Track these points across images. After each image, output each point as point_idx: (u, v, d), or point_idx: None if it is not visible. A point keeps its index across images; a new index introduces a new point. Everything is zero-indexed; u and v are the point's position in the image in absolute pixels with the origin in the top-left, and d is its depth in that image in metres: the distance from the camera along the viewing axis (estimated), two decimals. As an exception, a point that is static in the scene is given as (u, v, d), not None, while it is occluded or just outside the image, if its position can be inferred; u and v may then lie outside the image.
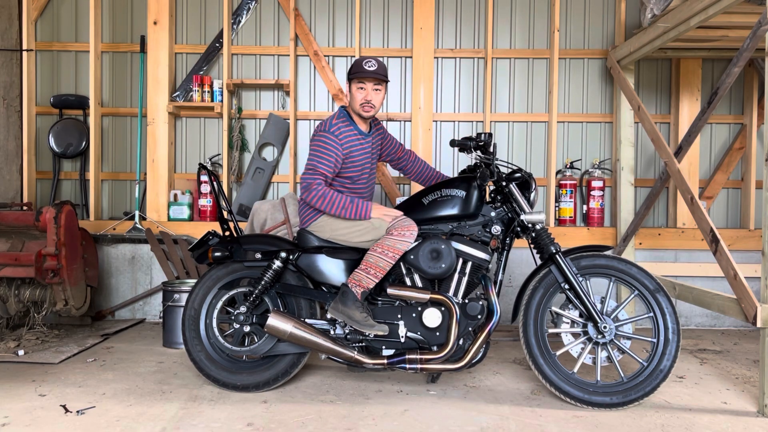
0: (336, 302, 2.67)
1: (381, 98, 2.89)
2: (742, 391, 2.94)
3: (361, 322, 2.61)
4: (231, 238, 2.92)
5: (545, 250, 2.73)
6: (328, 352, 2.71)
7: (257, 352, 2.82)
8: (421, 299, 2.72)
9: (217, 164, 4.50)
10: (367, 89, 2.85)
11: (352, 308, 2.63)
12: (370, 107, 2.87)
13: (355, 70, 2.85)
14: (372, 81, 2.84)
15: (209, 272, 2.94)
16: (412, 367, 2.68)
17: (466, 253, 2.75)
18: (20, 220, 3.57)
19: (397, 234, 2.68)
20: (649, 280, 2.68)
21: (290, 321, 2.71)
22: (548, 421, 2.53)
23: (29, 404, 2.64)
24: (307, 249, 2.88)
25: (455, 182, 2.82)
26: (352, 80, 2.87)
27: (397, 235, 2.67)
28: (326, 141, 2.80)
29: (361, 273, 2.68)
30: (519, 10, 4.54)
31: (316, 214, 2.86)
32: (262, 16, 4.55)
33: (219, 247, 2.85)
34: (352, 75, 2.86)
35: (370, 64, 2.84)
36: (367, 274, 2.67)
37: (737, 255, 4.26)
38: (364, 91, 2.85)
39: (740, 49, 2.75)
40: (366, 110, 2.87)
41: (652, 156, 4.57)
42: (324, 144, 2.79)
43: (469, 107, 4.58)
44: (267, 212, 3.78)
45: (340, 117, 2.90)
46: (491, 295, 2.72)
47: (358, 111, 2.89)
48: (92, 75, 4.36)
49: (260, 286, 2.82)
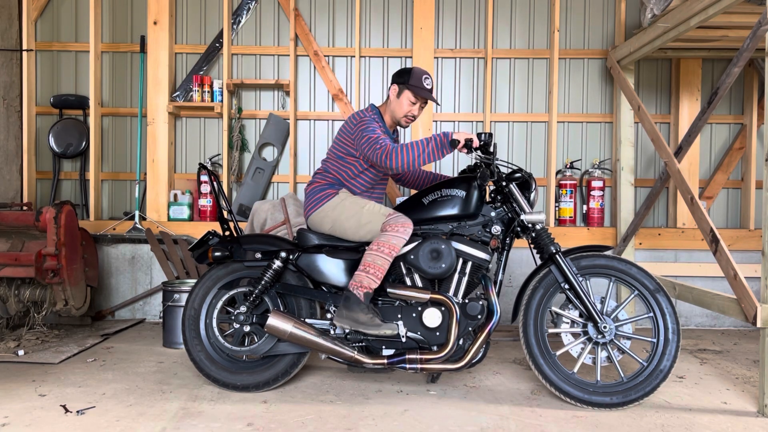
0: (340, 309, 2.66)
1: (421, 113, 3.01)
2: (742, 391, 2.94)
3: (367, 324, 2.60)
4: (231, 238, 2.92)
5: (545, 250, 2.73)
6: (328, 351, 2.71)
7: (257, 352, 2.82)
8: (421, 299, 2.71)
9: (217, 164, 4.50)
10: (418, 104, 2.92)
11: (356, 311, 2.62)
12: (412, 120, 2.96)
13: (415, 83, 2.86)
14: (423, 99, 2.91)
15: (209, 272, 2.94)
16: (412, 367, 2.68)
17: (466, 253, 2.74)
18: (20, 220, 3.57)
19: (391, 230, 2.68)
20: (649, 280, 2.68)
21: (290, 321, 2.71)
22: (548, 421, 2.53)
23: (29, 404, 2.64)
24: (307, 249, 2.88)
25: (455, 182, 2.82)
26: (407, 89, 2.88)
27: (391, 231, 2.68)
28: (373, 122, 2.84)
29: (360, 274, 2.67)
30: (519, 10, 4.54)
31: (319, 202, 2.87)
32: (262, 16, 4.55)
33: (219, 247, 2.85)
34: (410, 86, 2.86)
35: (429, 81, 2.90)
36: (367, 273, 2.65)
37: (737, 255, 4.27)
38: (415, 105, 2.91)
39: (740, 49, 2.75)
40: (406, 122, 2.95)
41: (652, 156, 4.57)
42: (373, 124, 2.82)
43: (469, 107, 4.58)
44: (267, 212, 3.78)
45: (373, 112, 2.92)
46: (491, 295, 2.71)
47: (398, 119, 2.95)
48: (92, 75, 4.37)
49: (260, 286, 2.81)
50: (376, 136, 2.74)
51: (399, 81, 2.91)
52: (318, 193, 2.90)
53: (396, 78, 2.94)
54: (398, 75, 2.94)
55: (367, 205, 2.82)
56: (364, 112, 2.90)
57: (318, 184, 2.94)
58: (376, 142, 2.72)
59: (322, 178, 2.95)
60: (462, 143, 2.68)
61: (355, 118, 2.88)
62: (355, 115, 2.90)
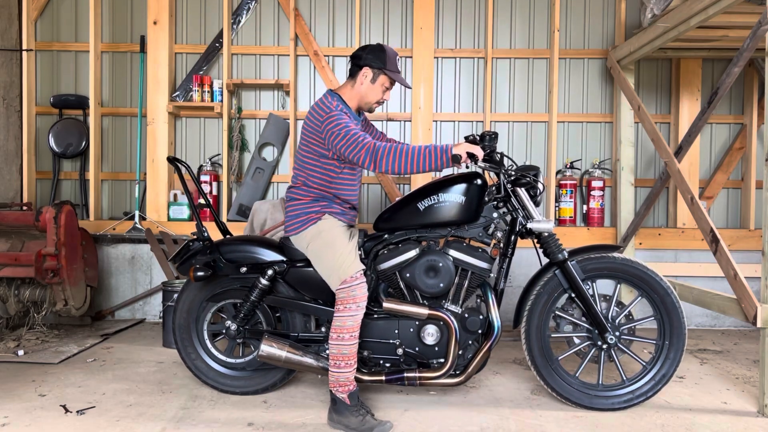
0: (330, 413, 2.47)
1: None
2: (742, 391, 2.93)
3: (358, 428, 2.38)
4: (210, 244, 2.76)
5: (552, 258, 2.61)
6: (324, 373, 2.59)
7: (252, 364, 2.78)
8: (419, 316, 2.57)
9: (217, 164, 4.50)
10: (390, 90, 2.67)
11: (346, 415, 2.41)
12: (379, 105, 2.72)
13: (392, 68, 2.58)
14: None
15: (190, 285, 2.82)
16: (410, 384, 2.59)
17: (465, 262, 2.56)
18: (20, 220, 3.57)
19: (343, 309, 2.46)
20: (657, 282, 2.61)
21: (284, 347, 2.59)
22: (548, 421, 2.53)
23: (29, 404, 2.64)
24: (294, 262, 2.70)
25: (454, 184, 2.57)
26: (383, 73, 2.59)
27: (343, 311, 2.45)
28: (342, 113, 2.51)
29: (333, 373, 2.46)
30: (519, 10, 4.54)
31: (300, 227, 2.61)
32: (262, 16, 4.55)
33: (201, 267, 2.64)
34: (389, 71, 2.57)
35: (400, 62, 2.67)
36: (339, 369, 2.44)
37: (737, 255, 4.26)
38: (389, 91, 2.66)
39: (740, 49, 2.75)
40: (376, 106, 2.69)
41: (652, 156, 4.57)
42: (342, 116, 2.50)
43: (469, 107, 4.58)
44: (267, 212, 3.78)
45: (336, 100, 2.58)
46: (492, 309, 2.58)
47: (370, 104, 2.66)
48: (92, 75, 4.36)
49: (248, 304, 2.70)
50: (353, 132, 2.43)
51: (374, 65, 2.57)
52: (297, 217, 2.62)
53: (369, 60, 2.58)
54: (372, 57, 2.58)
55: (337, 252, 2.52)
56: (327, 103, 2.54)
57: (296, 203, 2.63)
58: (354, 141, 2.41)
59: (300, 195, 2.63)
60: (464, 157, 2.39)
61: (319, 113, 2.52)
62: (318, 108, 2.54)
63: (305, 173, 2.62)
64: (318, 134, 2.52)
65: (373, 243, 2.69)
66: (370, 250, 2.68)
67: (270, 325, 2.80)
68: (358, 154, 2.41)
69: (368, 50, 2.60)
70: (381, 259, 2.61)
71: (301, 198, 2.63)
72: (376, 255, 2.66)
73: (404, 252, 2.57)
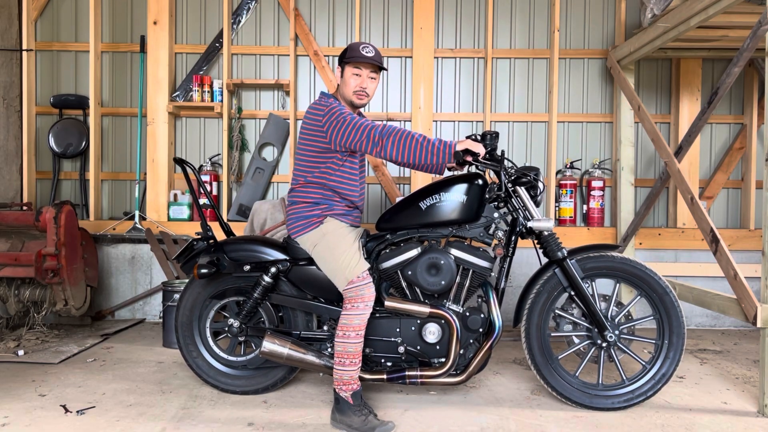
0: (333, 412, 2.49)
1: (375, 87, 2.67)
2: (742, 391, 2.93)
3: (361, 428, 2.39)
4: (215, 243, 2.79)
5: (552, 256, 2.62)
6: (326, 371, 2.61)
7: (254, 362, 2.80)
8: (421, 314, 2.60)
9: (217, 164, 4.50)
10: (363, 76, 2.60)
11: (348, 415, 2.43)
12: (365, 95, 2.63)
13: (351, 54, 2.59)
14: (368, 68, 2.60)
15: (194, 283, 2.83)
16: (412, 382, 2.61)
17: (466, 261, 2.58)
18: (20, 220, 3.57)
19: (351, 307, 2.49)
20: (656, 282, 2.62)
21: (286, 343, 2.60)
22: (548, 421, 2.53)
23: (29, 404, 2.64)
24: (298, 260, 2.72)
25: (455, 184, 2.60)
26: (347, 64, 2.61)
27: (351, 309, 2.48)
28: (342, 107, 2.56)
29: (338, 370, 2.48)
30: (519, 10, 4.54)
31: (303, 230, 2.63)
32: (262, 16, 4.55)
33: (205, 264, 2.67)
34: (347, 59, 2.59)
35: (368, 49, 2.60)
36: (344, 367, 2.47)
37: (737, 255, 4.27)
38: (359, 77, 2.60)
39: (740, 49, 2.75)
40: (360, 98, 2.63)
41: (652, 156, 4.57)
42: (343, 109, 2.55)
43: (469, 107, 4.58)
44: (267, 212, 3.78)
45: (329, 98, 2.62)
46: (493, 308, 2.60)
47: (349, 98, 2.63)
48: (92, 75, 4.36)
49: (251, 301, 2.72)
50: (354, 119, 2.48)
51: (340, 61, 2.64)
52: (300, 220, 2.63)
53: (339, 61, 2.66)
54: (341, 57, 2.66)
55: (343, 253, 2.54)
56: (325, 100, 2.60)
57: (298, 207, 2.65)
58: (356, 126, 2.46)
59: (301, 197, 2.65)
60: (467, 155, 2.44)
61: (318, 110, 2.57)
62: (316, 106, 2.59)
63: (305, 171, 2.64)
64: (319, 128, 2.55)
65: (376, 243, 2.71)
66: (372, 249, 2.70)
67: (272, 323, 2.81)
68: (361, 138, 2.47)
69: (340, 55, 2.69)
70: (383, 258, 2.64)
71: (302, 201, 2.65)
72: (378, 254, 2.68)
73: (406, 251, 2.60)
